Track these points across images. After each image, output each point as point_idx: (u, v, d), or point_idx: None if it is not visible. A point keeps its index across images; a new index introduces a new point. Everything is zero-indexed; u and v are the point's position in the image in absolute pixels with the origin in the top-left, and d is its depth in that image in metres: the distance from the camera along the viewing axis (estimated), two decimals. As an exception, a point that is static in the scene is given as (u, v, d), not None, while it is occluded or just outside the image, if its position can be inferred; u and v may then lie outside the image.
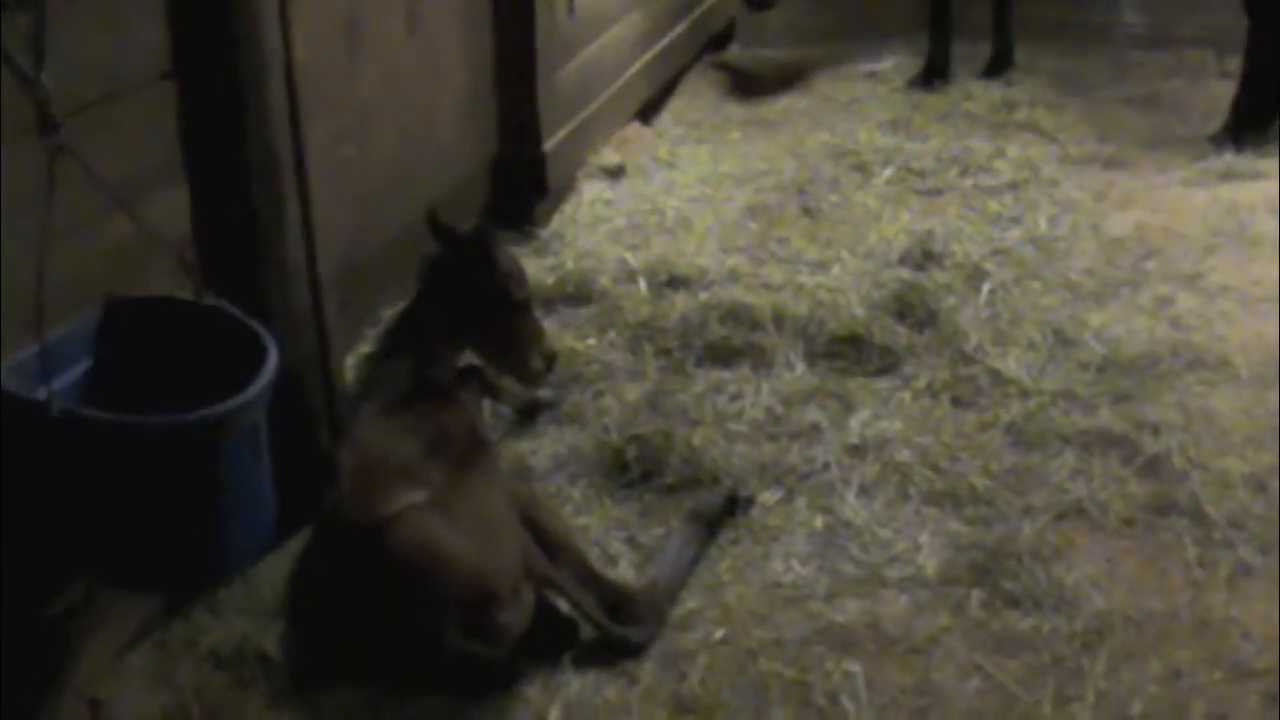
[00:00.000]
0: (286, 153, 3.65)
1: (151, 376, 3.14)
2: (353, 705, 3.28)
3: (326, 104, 4.14)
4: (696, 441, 4.08)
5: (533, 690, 3.32)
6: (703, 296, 4.80)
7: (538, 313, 4.16)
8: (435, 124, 4.84)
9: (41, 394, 2.83)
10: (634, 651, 3.40)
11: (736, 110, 6.57)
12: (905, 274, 4.96)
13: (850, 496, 3.91)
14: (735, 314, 4.68)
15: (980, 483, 3.92)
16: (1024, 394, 4.31)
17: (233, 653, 3.42)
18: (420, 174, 4.80)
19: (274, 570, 3.65)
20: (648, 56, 6.18)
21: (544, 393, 4.37)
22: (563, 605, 3.45)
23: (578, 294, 4.92)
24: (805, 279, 4.98)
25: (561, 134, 5.41)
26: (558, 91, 5.33)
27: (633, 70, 6.03)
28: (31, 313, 2.98)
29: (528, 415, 4.32)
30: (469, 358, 4.01)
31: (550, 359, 4.02)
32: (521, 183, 5.34)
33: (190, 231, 3.53)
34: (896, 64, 7.16)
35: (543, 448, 4.19)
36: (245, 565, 3.31)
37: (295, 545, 3.63)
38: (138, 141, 3.32)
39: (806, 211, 5.56)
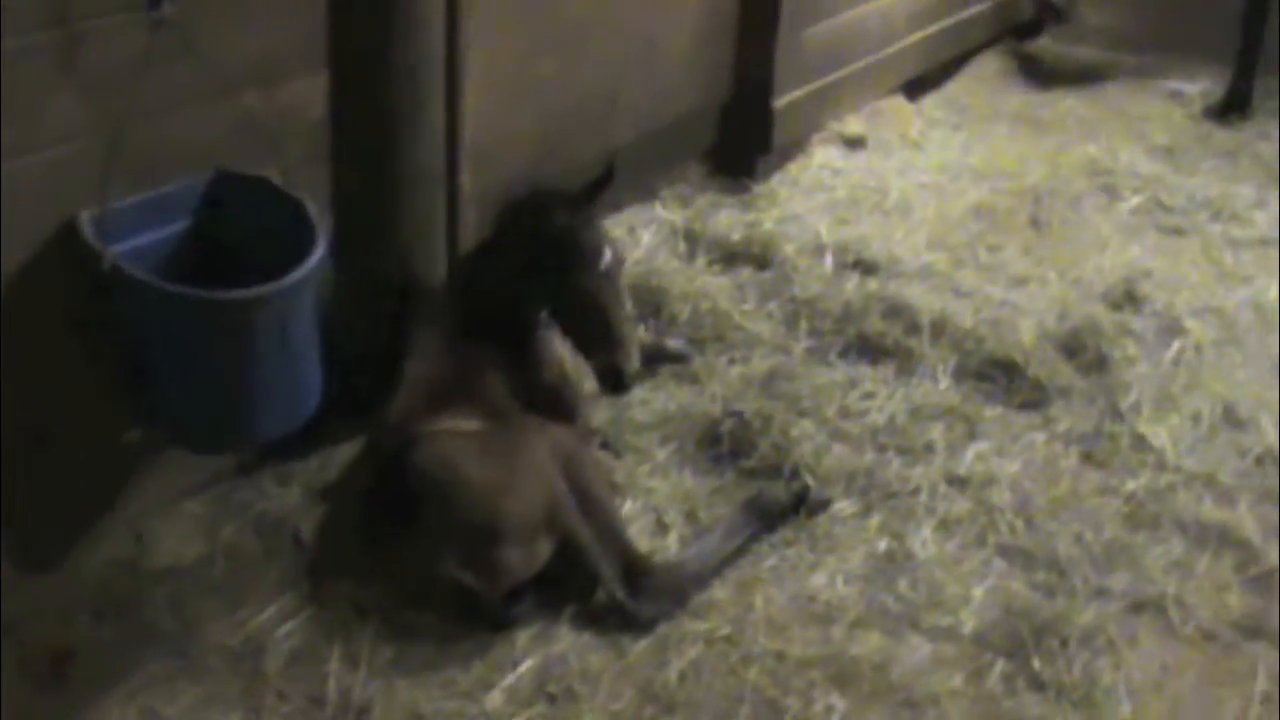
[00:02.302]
0: (436, 57, 3.56)
1: (236, 247, 3.15)
2: (349, 604, 3.25)
3: (520, 15, 4.03)
4: (794, 432, 3.81)
5: (523, 636, 3.20)
6: (873, 286, 4.47)
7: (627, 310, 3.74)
8: (657, 57, 4.65)
9: (102, 247, 2.89)
10: (637, 626, 3.23)
11: (1013, 103, 6.05)
12: (1099, 310, 4.47)
13: (926, 529, 3.58)
14: (899, 311, 4.34)
15: (1067, 550, 3.51)
16: (1161, 466, 3.82)
17: (272, 525, 3.46)
18: (632, 102, 4.64)
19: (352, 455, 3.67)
20: (925, 32, 5.75)
21: (674, 344, 4.18)
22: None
23: (760, 256, 4.67)
24: (995, 292, 4.57)
25: (798, 93, 5.12)
26: (801, 50, 5.03)
27: (902, 43, 5.62)
28: (136, 169, 3.07)
29: (648, 363, 4.14)
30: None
31: (614, 373, 3.48)
32: (746, 135, 5.10)
33: (327, 119, 3.51)
34: (1206, 89, 6.41)
35: (653, 401, 4.01)
36: (266, 443, 3.31)
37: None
38: (277, 25, 3.29)
39: (1034, 223, 5.09)
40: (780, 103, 5.05)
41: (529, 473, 3.23)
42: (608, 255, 3.42)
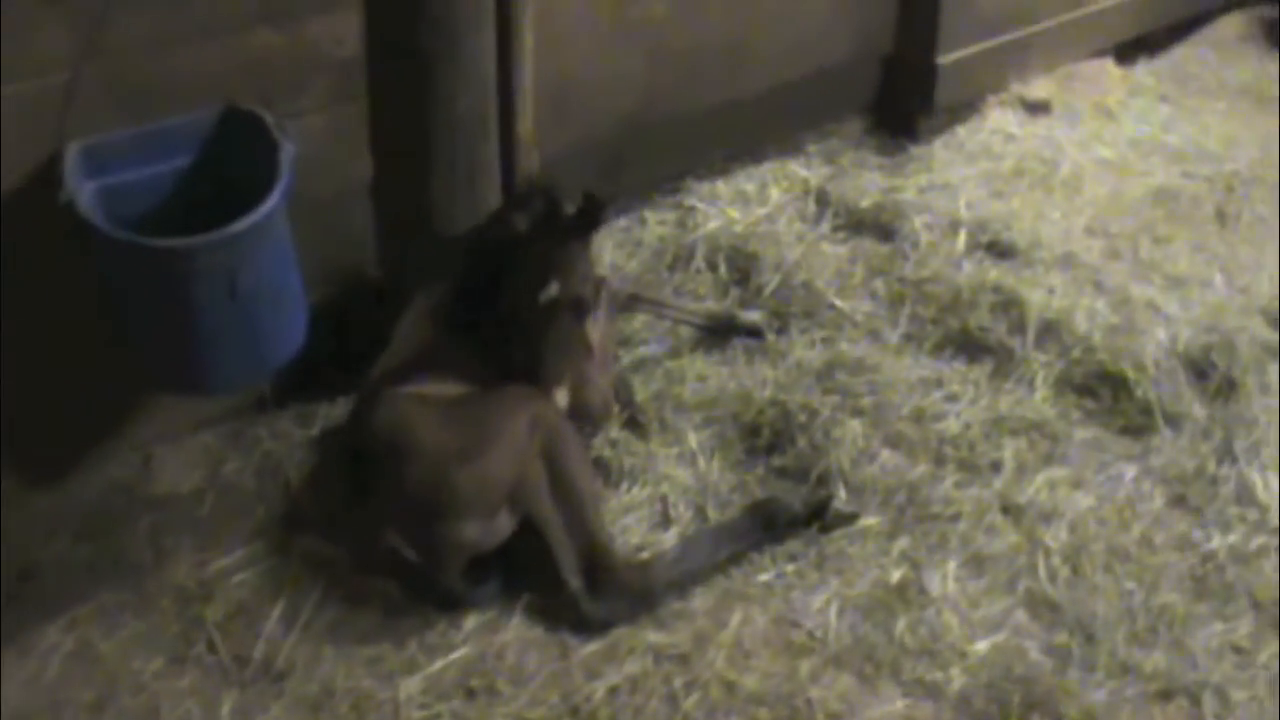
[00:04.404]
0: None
1: (240, 186, 2.94)
2: (312, 560, 3.05)
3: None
4: (838, 431, 3.34)
5: (472, 620, 2.94)
6: (993, 274, 3.87)
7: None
8: (797, 1, 4.14)
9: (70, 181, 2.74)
10: (589, 626, 2.91)
11: (1245, 75, 5.09)
12: (1252, 326, 3.73)
13: (954, 563, 3.07)
14: (1010, 306, 3.74)
15: (1106, 611, 2.95)
16: (1260, 525, 3.16)
17: (271, 469, 3.30)
18: (767, 50, 4.16)
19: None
20: (1145, -12, 4.95)
21: (751, 316, 3.74)
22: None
23: (886, 227, 4.12)
24: (1140, 291, 3.87)
25: (971, 50, 4.48)
26: (974, 2, 4.40)
27: (1110, 1, 4.87)
28: (135, 102, 2.92)
29: (717, 333, 3.72)
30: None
31: (595, 408, 3.27)
32: (906, 91, 4.52)
33: (362, 56, 3.24)
34: None
35: (711, 378, 3.58)
36: (219, 393, 3.12)
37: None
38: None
39: (1219, 216, 4.30)
40: (946, 59, 4.44)
41: (496, 444, 2.92)
42: (552, 288, 3.02)
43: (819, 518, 3.14)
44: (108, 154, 2.87)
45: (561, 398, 3.14)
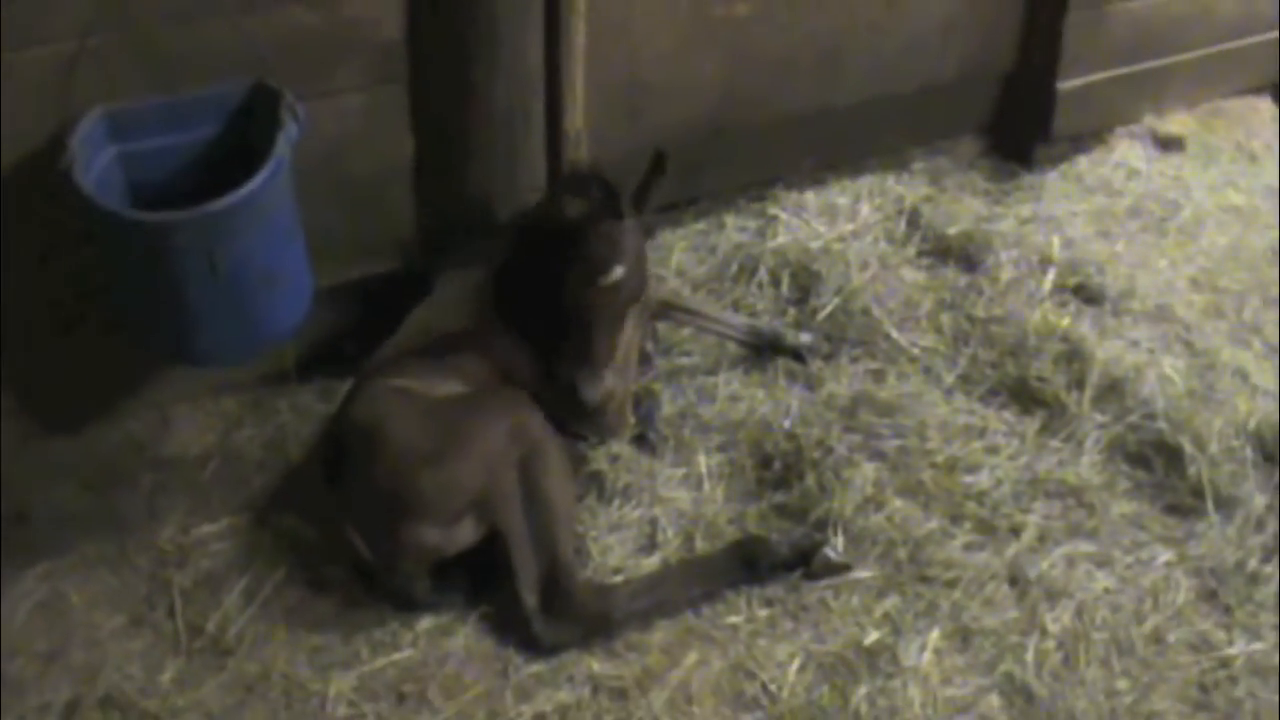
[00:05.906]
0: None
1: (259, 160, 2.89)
2: (288, 538, 3.02)
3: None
4: (847, 473, 3.12)
5: (426, 621, 2.85)
6: (1066, 321, 3.55)
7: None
8: (901, 11, 3.85)
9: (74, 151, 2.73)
10: (538, 646, 2.79)
11: None
12: (1345, 412, 3.34)
13: (936, 634, 2.82)
14: (1075, 358, 3.43)
15: (1085, 711, 2.66)
16: (1300, 644, 2.82)
17: (281, 441, 3.27)
18: (864, 59, 3.90)
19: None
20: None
21: (801, 337, 3.52)
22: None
23: (971, 258, 3.83)
24: (1229, 357, 3.51)
25: (1097, 76, 4.11)
26: (1104, 27, 4.01)
27: (1270, 34, 4.40)
28: (164, 73, 2.91)
29: (760, 350, 3.52)
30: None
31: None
32: (1023, 116, 4.19)
33: (403, 39, 3.15)
34: None
35: (742, 399, 3.38)
36: (203, 365, 3.07)
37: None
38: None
39: (1346, 280, 3.88)
40: (1068, 85, 4.09)
41: (467, 449, 2.81)
42: (616, 271, 2.90)
43: (805, 563, 2.95)
44: (133, 120, 2.86)
45: (613, 379, 3.00)
